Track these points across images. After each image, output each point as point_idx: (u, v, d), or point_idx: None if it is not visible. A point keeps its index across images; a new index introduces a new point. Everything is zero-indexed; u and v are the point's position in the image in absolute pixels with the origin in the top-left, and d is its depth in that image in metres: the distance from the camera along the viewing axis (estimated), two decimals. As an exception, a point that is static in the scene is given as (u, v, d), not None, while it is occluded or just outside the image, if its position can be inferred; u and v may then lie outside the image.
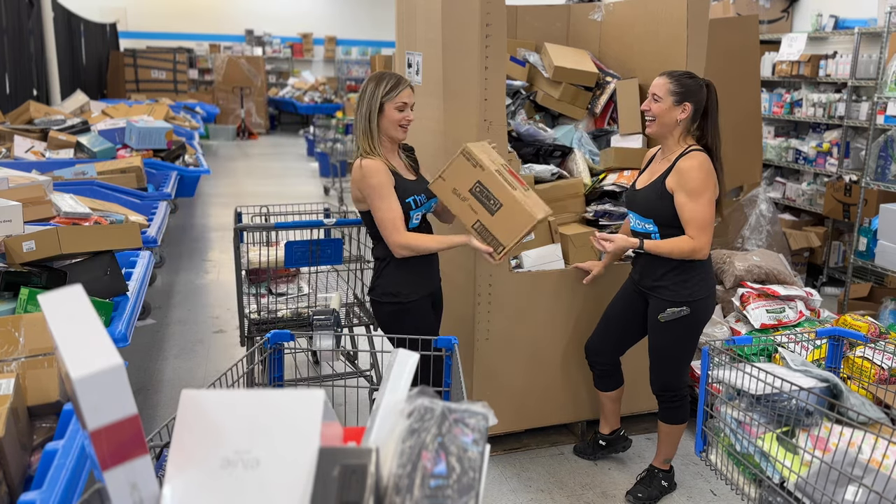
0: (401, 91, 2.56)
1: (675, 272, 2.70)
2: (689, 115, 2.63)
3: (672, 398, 2.87)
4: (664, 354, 2.83)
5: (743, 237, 4.56)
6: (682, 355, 2.82)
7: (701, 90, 2.63)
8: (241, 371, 1.81)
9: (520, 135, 3.56)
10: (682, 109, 2.62)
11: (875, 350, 2.32)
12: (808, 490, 1.85)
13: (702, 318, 2.75)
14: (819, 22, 6.33)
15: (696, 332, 2.79)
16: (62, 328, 0.99)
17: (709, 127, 2.67)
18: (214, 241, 7.05)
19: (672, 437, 2.95)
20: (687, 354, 2.82)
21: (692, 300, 2.68)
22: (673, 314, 2.70)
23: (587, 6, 3.88)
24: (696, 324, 2.75)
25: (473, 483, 0.96)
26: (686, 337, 2.78)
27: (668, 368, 2.84)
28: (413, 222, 2.67)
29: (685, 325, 2.73)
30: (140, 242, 2.94)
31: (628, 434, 3.31)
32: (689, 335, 2.78)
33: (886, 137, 4.84)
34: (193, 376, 4.08)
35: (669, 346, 2.80)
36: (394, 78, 2.57)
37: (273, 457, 1.01)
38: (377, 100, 2.55)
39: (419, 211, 2.67)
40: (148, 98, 11.69)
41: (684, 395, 2.88)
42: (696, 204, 2.58)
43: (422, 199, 2.67)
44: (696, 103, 2.62)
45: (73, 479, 1.58)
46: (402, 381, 1.20)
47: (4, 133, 5.86)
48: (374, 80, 2.59)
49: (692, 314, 2.70)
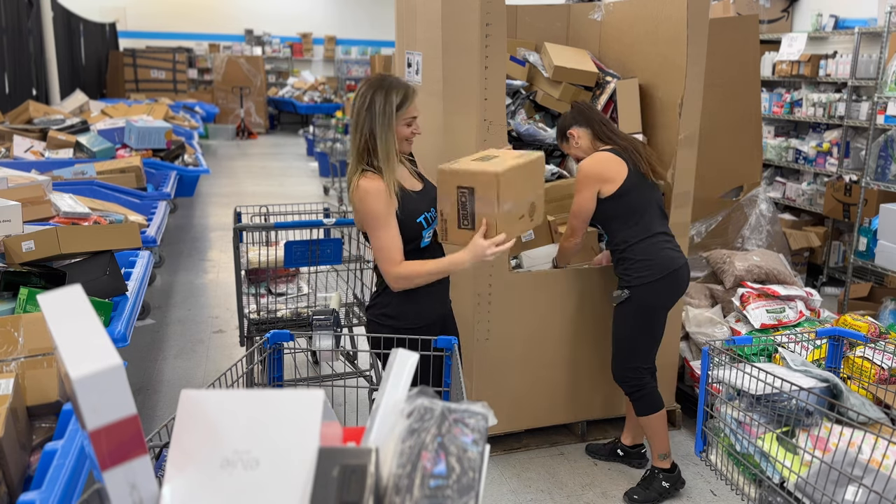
0: (411, 104, 2.29)
1: (619, 262, 2.93)
2: (586, 135, 2.96)
3: (633, 388, 2.94)
4: (617, 340, 2.97)
5: (743, 237, 4.56)
6: (630, 342, 2.93)
7: (570, 117, 2.99)
8: (240, 371, 1.80)
9: (520, 135, 3.56)
10: (574, 137, 2.97)
11: (875, 350, 2.32)
12: (808, 490, 1.85)
13: (647, 303, 2.87)
14: (819, 22, 6.33)
15: (647, 320, 2.89)
16: (61, 328, 0.99)
17: (606, 133, 2.95)
18: (214, 241, 7.05)
19: (652, 428, 2.96)
20: (634, 342, 2.92)
21: (631, 285, 2.86)
22: (616, 297, 2.91)
23: (587, 6, 3.87)
24: (639, 309, 2.87)
25: (473, 483, 0.96)
26: (637, 323, 2.89)
27: (619, 357, 2.96)
28: (425, 241, 2.38)
29: (629, 310, 2.88)
30: (139, 242, 2.94)
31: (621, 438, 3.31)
32: (634, 321, 2.89)
33: (886, 137, 4.84)
34: (193, 376, 4.08)
35: (621, 332, 2.94)
36: (402, 88, 2.28)
37: (273, 457, 1.01)
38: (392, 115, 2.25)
39: (430, 228, 2.38)
40: (147, 98, 11.69)
41: (644, 384, 2.94)
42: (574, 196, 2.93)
43: (433, 216, 2.38)
44: (578, 125, 2.96)
45: (72, 479, 1.58)
46: (402, 381, 1.20)
47: (4, 133, 5.86)
48: (381, 89, 2.26)
49: (633, 298, 2.86)
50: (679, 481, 3.02)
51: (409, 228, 2.32)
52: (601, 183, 2.85)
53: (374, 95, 2.25)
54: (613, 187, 2.84)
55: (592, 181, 2.86)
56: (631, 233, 2.87)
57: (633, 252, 2.86)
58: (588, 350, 3.35)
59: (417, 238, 2.35)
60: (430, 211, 2.37)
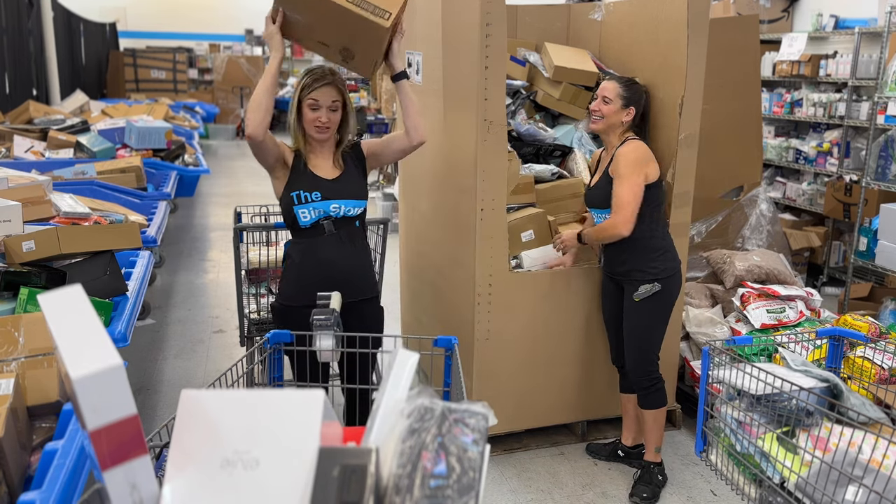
0: (316, 89, 2.41)
1: (637, 254, 2.89)
2: (631, 119, 2.92)
3: (651, 382, 2.98)
4: (639, 335, 2.96)
5: (743, 237, 4.56)
6: (655, 334, 2.96)
7: (643, 97, 2.97)
8: (240, 371, 1.80)
9: (520, 135, 3.56)
10: (628, 113, 2.90)
11: (875, 350, 2.32)
12: (808, 490, 1.85)
13: (673, 293, 2.93)
14: (819, 22, 6.33)
15: (667, 310, 2.94)
16: (62, 328, 0.99)
17: (646, 129, 3.02)
18: (214, 241, 7.05)
19: (658, 422, 3.02)
20: (659, 334, 2.97)
21: (662, 276, 2.87)
22: (647, 291, 2.88)
23: (587, 6, 3.87)
24: (667, 299, 2.91)
25: (473, 483, 0.96)
26: (658, 313, 2.93)
27: (643, 349, 2.96)
28: (302, 220, 2.47)
29: (657, 302, 2.90)
30: (140, 242, 2.94)
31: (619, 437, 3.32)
32: (661, 312, 2.93)
33: (887, 137, 4.84)
34: (193, 376, 4.08)
35: (644, 326, 2.94)
36: (318, 72, 2.43)
37: (273, 457, 1.01)
38: (296, 94, 2.43)
39: (305, 208, 2.46)
40: (148, 98, 11.70)
41: (659, 377, 2.99)
42: (618, 186, 2.82)
43: (314, 196, 2.46)
44: (639, 108, 2.94)
45: (72, 479, 1.58)
46: (402, 381, 1.20)
47: (4, 133, 5.86)
48: (306, 72, 2.47)
49: (664, 289, 2.88)
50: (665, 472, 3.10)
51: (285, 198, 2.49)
52: (650, 167, 2.84)
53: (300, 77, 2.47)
54: (656, 175, 2.87)
55: (641, 166, 2.82)
56: (658, 225, 2.93)
57: (660, 244, 2.89)
58: (589, 349, 3.35)
59: (290, 211, 2.47)
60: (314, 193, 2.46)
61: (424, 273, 3.77)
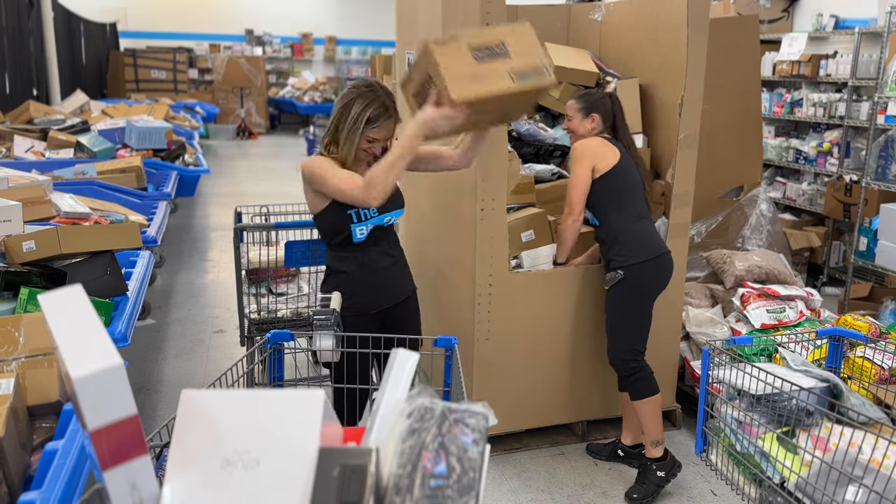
0: (380, 126, 2.35)
1: (611, 245, 2.99)
2: (599, 124, 3.03)
3: (629, 371, 2.98)
4: (611, 323, 3.02)
5: (743, 237, 4.56)
6: (626, 323, 2.98)
7: (604, 101, 3.05)
8: (241, 371, 1.80)
9: (520, 135, 3.56)
10: (592, 119, 3.03)
11: (875, 350, 2.32)
12: (808, 490, 1.85)
13: (642, 282, 2.95)
14: (819, 22, 6.33)
15: (638, 299, 2.96)
16: (62, 328, 0.99)
17: (620, 129, 3.07)
18: (214, 241, 7.05)
19: (646, 413, 2.98)
20: (630, 323, 2.99)
21: (625, 265, 2.93)
22: (611, 279, 2.97)
23: (587, 6, 3.87)
24: (636, 288, 2.94)
25: (473, 483, 0.96)
26: (627, 302, 2.96)
27: (615, 337, 3.01)
28: (357, 237, 2.44)
29: (623, 291, 2.95)
30: (140, 242, 2.94)
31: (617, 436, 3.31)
32: (630, 300, 2.96)
33: (887, 137, 4.84)
34: (193, 376, 4.08)
35: (613, 313, 3.00)
36: (381, 107, 2.34)
37: (273, 457, 1.01)
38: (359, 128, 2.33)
39: (364, 225, 2.44)
40: (148, 98, 11.70)
41: (640, 366, 2.99)
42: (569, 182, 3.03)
43: (371, 213, 2.44)
44: (603, 113, 3.03)
45: (72, 479, 1.58)
46: (402, 381, 1.20)
47: (4, 133, 5.86)
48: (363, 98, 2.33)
49: (627, 279, 2.93)
50: (675, 466, 3.01)
51: (339, 215, 2.40)
52: (596, 159, 2.96)
53: (355, 99, 2.34)
54: (607, 165, 2.95)
55: (588, 156, 2.97)
56: (621, 216, 2.97)
57: (624, 234, 2.96)
58: (588, 349, 3.35)
59: (346, 229, 2.42)
60: (370, 209, 2.40)
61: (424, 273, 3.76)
